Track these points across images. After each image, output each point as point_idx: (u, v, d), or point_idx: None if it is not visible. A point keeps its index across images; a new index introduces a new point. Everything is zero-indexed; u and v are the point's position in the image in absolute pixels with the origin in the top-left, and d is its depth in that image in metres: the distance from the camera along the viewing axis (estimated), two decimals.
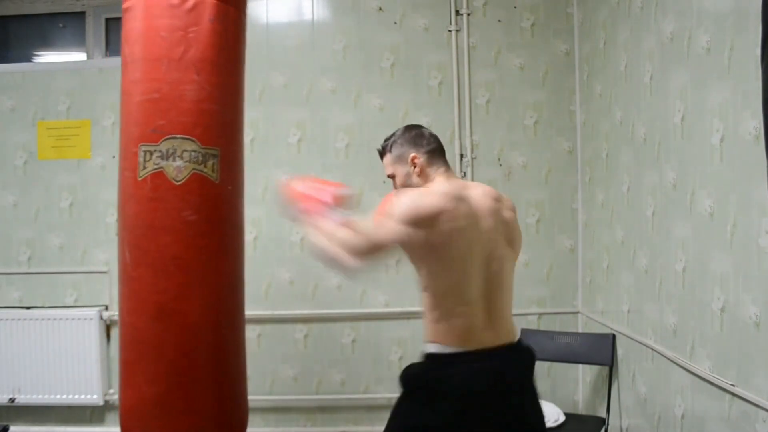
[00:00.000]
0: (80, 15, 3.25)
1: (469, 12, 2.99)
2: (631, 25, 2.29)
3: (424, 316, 1.49)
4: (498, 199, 1.55)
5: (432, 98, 3.00)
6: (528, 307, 2.99)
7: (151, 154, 1.84)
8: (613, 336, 2.53)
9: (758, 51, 1.10)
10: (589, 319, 2.84)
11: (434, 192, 1.46)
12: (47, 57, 3.36)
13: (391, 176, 1.63)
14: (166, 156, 1.83)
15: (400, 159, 1.60)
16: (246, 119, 2.99)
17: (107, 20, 3.22)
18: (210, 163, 1.87)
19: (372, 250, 1.41)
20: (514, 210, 1.60)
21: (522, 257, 2.98)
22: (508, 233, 1.53)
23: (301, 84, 3.04)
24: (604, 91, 2.61)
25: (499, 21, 3.00)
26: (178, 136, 1.83)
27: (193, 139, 1.84)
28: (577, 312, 2.98)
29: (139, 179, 1.85)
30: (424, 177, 1.57)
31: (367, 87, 3.02)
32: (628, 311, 2.38)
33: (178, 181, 1.83)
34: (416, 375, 1.48)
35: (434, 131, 1.50)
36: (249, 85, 3.03)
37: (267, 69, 3.05)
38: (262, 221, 3.00)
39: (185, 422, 1.83)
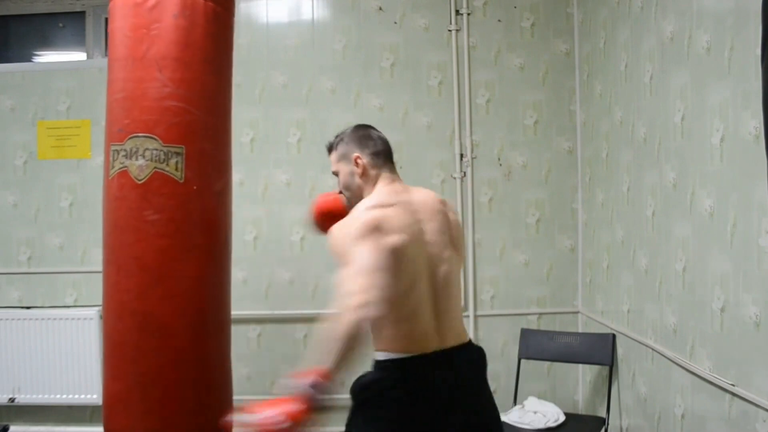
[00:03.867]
0: (80, 15, 3.25)
1: (469, 12, 2.99)
2: (631, 25, 2.29)
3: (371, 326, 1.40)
4: (443, 202, 1.56)
5: (432, 98, 3.00)
6: (528, 306, 2.99)
7: (118, 153, 1.83)
8: (613, 336, 2.53)
9: (758, 51, 1.10)
10: (589, 318, 2.84)
11: (365, 209, 1.43)
12: (47, 57, 3.36)
13: (336, 173, 1.63)
14: (129, 155, 1.81)
15: (344, 157, 1.60)
16: (246, 119, 3.03)
17: (107, 20, 3.21)
18: (173, 161, 1.82)
19: (372, 278, 1.26)
20: (456, 213, 1.61)
21: (522, 257, 3.01)
22: (453, 236, 1.53)
23: (300, 84, 3.04)
24: (604, 91, 2.61)
25: (499, 21, 3.00)
26: (140, 134, 1.81)
27: (155, 137, 1.80)
28: (577, 312, 2.98)
29: (109, 178, 1.86)
30: (365, 177, 1.56)
31: (366, 87, 3.02)
32: (628, 311, 2.38)
33: (140, 180, 1.80)
34: (365, 385, 1.41)
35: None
36: (249, 84, 3.06)
37: (267, 69, 3.05)
38: (262, 221, 2.99)
39: (146, 422, 1.79)
